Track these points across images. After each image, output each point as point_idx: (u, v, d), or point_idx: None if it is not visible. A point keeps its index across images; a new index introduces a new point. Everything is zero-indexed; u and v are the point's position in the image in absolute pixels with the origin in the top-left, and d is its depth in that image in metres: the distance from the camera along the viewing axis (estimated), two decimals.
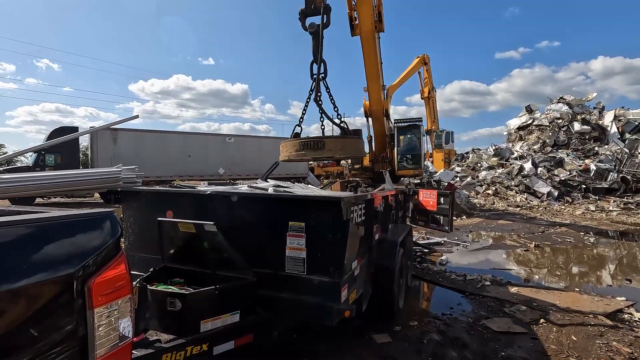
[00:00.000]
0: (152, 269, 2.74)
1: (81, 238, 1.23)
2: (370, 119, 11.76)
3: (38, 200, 15.50)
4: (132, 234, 3.28)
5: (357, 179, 12.97)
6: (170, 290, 2.44)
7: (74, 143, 17.01)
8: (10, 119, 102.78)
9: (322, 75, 5.29)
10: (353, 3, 9.60)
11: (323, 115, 5.32)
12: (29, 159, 16.52)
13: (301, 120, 5.51)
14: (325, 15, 5.17)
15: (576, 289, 5.32)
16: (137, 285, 2.49)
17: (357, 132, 5.65)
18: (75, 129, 17.57)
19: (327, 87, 5.41)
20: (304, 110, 5.44)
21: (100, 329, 1.17)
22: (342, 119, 5.38)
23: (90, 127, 17.68)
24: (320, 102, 5.34)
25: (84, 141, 22.02)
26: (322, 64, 5.25)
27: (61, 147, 15.21)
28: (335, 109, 5.49)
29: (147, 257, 3.14)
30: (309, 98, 5.29)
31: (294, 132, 5.38)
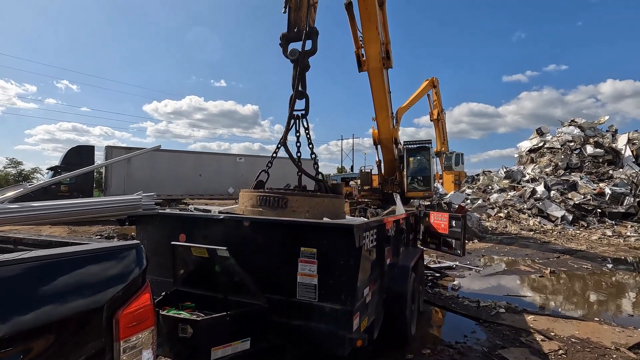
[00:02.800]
0: (164, 293, 2.75)
1: (109, 270, 1.26)
2: (379, 146, 11.88)
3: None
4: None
5: (366, 200, 12.96)
6: (182, 316, 2.43)
7: (89, 162, 17.43)
8: (28, 137, 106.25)
9: (303, 112, 4.34)
10: (360, 42, 9.77)
11: (292, 160, 4.35)
12: (44, 177, 16.96)
13: (269, 165, 4.36)
14: (311, 41, 4.33)
15: (596, 319, 5.12)
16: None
17: (336, 189, 4.34)
18: (91, 147, 18.05)
19: (306, 128, 4.35)
20: (275, 153, 4.44)
21: None
22: (319, 170, 4.37)
23: (106, 146, 18.15)
24: (298, 145, 4.37)
25: (98, 160, 22.56)
26: (299, 98, 4.34)
27: (76, 166, 15.61)
28: (313, 155, 4.41)
29: (159, 280, 3.14)
30: (282, 138, 4.37)
31: (258, 179, 4.25)
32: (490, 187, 20.80)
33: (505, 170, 22.02)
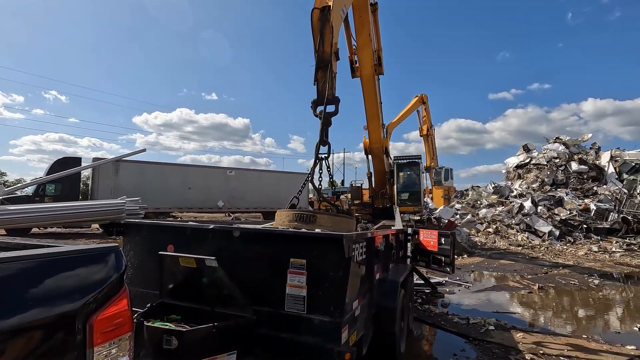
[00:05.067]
0: (149, 305, 2.68)
1: (86, 274, 1.22)
2: (370, 156, 11.93)
3: (34, 230, 15.34)
4: (132, 267, 3.24)
5: (357, 214, 12.95)
6: (167, 327, 2.37)
7: (75, 175, 17.09)
8: (13, 147, 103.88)
9: (325, 155, 5.62)
10: (354, 47, 10.05)
11: (317, 193, 5.64)
12: (29, 189, 16.53)
13: (299, 193, 5.64)
14: (334, 105, 5.74)
15: (584, 336, 5.14)
16: (133, 321, 2.43)
17: (349, 212, 6.17)
18: (78, 159, 17.74)
19: (328, 167, 5.71)
20: (303, 185, 5.67)
21: None
22: (337, 200, 5.93)
23: (94, 158, 17.90)
24: (320, 179, 5.77)
25: (86, 171, 22.21)
26: (322, 145, 5.65)
27: (62, 178, 15.29)
28: (333, 187, 6.04)
29: (145, 291, 3.07)
30: (309, 175, 5.63)
31: (291, 202, 5.49)
32: (479, 202, 21.05)
33: (493, 185, 22.37)
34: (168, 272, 2.78)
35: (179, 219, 18.00)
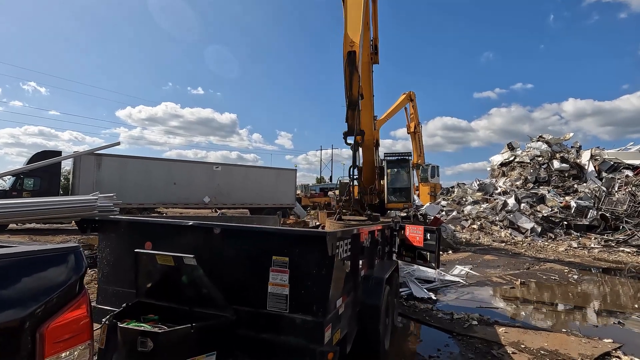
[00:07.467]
0: (124, 305, 2.58)
1: (40, 277, 1.11)
2: (360, 148, 11.89)
3: (12, 225, 14.83)
4: (107, 265, 3.12)
5: (344, 210, 12.91)
6: (142, 328, 2.27)
7: (55, 167, 16.57)
8: None
9: (357, 177, 7.66)
10: None
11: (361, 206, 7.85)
12: (6, 182, 15.94)
13: (340, 202, 8.16)
14: (361, 136, 7.59)
15: (563, 330, 5.25)
16: (107, 322, 2.33)
17: (376, 217, 8.77)
18: (58, 153, 17.16)
19: (356, 185, 8.19)
20: (340, 199, 7.85)
21: None
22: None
23: (74, 152, 17.36)
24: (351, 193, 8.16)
25: (67, 165, 21.53)
26: (354, 168, 7.55)
27: (42, 171, 14.79)
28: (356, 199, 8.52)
29: (121, 290, 2.96)
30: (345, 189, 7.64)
31: (338, 213, 7.81)
32: (464, 199, 21.35)
33: (478, 182, 22.71)
34: (145, 271, 2.67)
35: (165, 214, 17.67)
